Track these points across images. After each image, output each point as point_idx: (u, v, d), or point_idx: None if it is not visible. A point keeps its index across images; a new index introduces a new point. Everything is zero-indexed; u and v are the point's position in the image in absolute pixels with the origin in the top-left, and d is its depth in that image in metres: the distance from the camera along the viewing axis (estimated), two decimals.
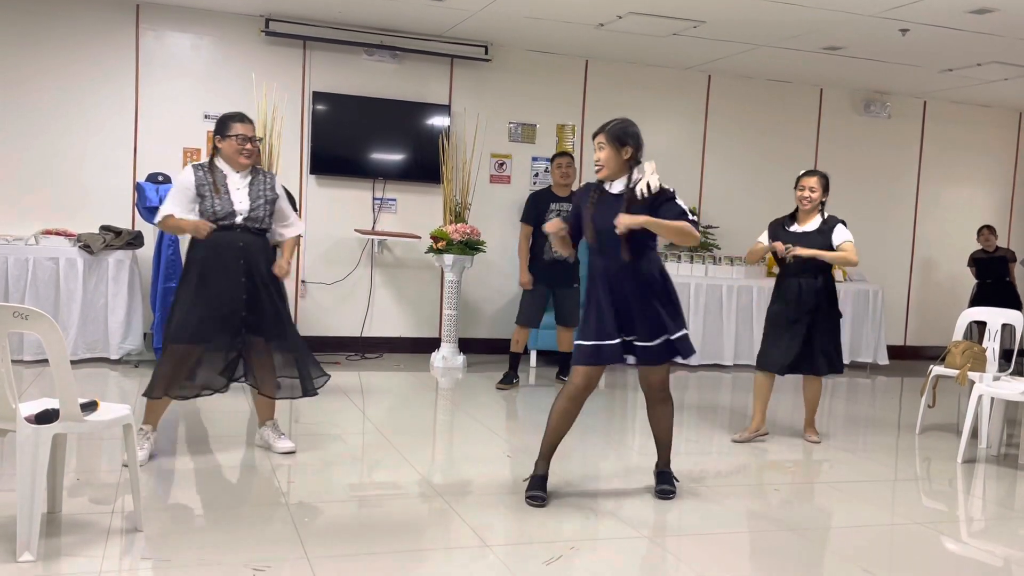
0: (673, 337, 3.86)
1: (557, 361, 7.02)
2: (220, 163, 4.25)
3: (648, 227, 3.71)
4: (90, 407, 3.15)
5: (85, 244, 6.59)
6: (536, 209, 6.61)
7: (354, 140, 7.78)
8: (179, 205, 4.17)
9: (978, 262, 9.28)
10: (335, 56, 7.72)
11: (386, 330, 8.00)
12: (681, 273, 8.03)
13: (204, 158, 4.43)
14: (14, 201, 6.97)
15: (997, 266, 9.16)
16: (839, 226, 5.17)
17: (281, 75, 7.42)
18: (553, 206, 6.61)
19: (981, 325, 6.13)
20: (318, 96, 7.65)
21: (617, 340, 3.82)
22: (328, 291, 7.81)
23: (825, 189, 5.16)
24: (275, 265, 4.30)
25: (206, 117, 7.16)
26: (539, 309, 6.63)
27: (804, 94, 9.16)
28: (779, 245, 5.12)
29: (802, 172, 5.27)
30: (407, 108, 7.87)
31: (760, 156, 8.93)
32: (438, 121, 7.89)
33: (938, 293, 9.75)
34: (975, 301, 8.89)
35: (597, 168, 3.87)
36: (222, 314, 4.17)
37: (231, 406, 5.38)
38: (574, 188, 6.96)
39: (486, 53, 8.02)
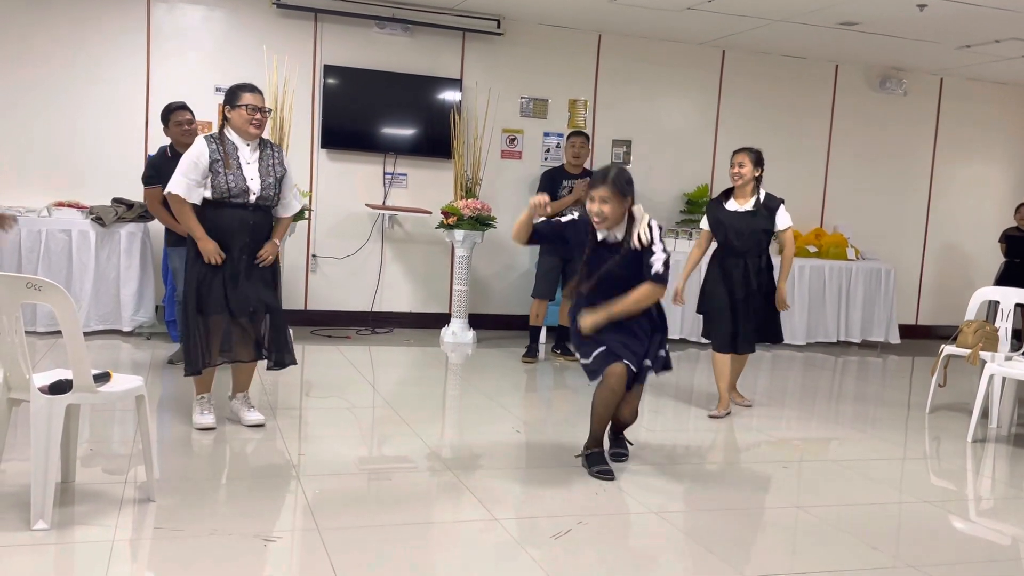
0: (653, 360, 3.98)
1: (557, 335, 7.12)
2: (230, 134, 4.23)
3: (612, 317, 3.80)
4: (103, 378, 3.17)
5: (97, 216, 6.61)
6: (552, 185, 6.85)
7: (365, 114, 7.75)
8: (190, 179, 4.14)
9: (1010, 239, 8.90)
10: (346, 29, 7.67)
11: (396, 305, 8.01)
12: (688, 252, 7.96)
13: (215, 131, 4.40)
14: (27, 173, 6.99)
15: None
16: (781, 209, 5.20)
17: (292, 48, 7.39)
18: (565, 183, 6.92)
19: (997, 304, 6.08)
20: (329, 69, 7.61)
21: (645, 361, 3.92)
22: (338, 266, 7.82)
23: (756, 164, 5.16)
24: (268, 244, 4.28)
25: (217, 90, 7.13)
26: (554, 281, 6.76)
27: (819, 70, 9.06)
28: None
29: (736, 149, 5.27)
30: (418, 82, 7.83)
31: (774, 133, 8.84)
32: (449, 95, 7.85)
33: (951, 272, 9.69)
34: (1002, 279, 8.64)
35: (598, 221, 3.79)
36: (228, 288, 4.18)
37: None
38: (586, 166, 7.14)
39: (498, 27, 7.95)
